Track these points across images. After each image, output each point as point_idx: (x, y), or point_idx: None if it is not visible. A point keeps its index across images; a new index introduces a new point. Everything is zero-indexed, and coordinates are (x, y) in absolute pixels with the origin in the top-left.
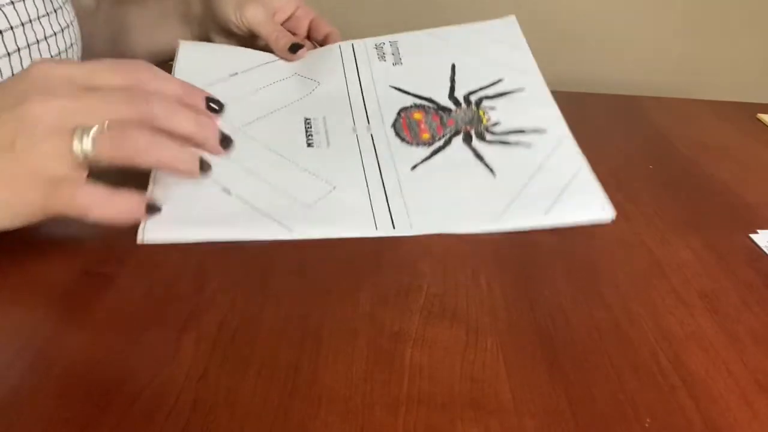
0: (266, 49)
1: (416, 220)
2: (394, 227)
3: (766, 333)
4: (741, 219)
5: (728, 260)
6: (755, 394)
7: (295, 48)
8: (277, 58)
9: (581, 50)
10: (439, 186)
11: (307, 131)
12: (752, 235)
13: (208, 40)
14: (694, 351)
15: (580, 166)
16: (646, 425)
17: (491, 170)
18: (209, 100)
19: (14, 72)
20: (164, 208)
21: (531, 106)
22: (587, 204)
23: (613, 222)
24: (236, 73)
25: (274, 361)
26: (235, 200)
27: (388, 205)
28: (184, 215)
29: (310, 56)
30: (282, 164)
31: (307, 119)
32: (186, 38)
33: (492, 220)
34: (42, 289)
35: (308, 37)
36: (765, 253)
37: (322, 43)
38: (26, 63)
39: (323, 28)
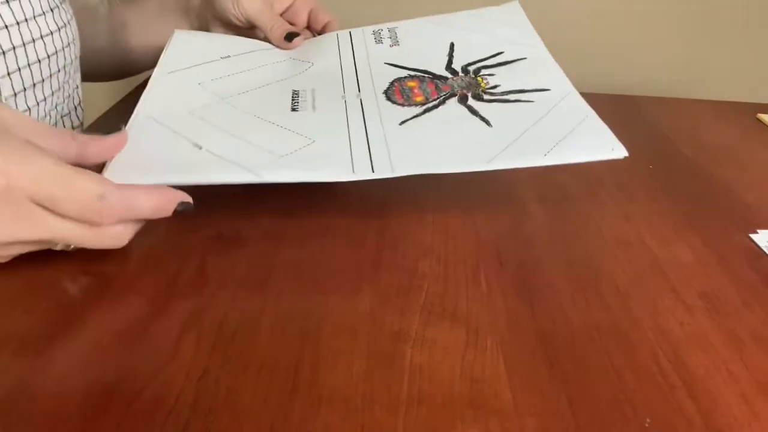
0: (266, 40)
1: (398, 162)
2: (373, 171)
3: (766, 333)
4: (741, 219)
5: (728, 260)
6: (755, 394)
7: (290, 36)
8: (273, 46)
9: (581, 50)
10: (428, 135)
11: (293, 99)
12: (752, 235)
13: (207, 32)
14: (694, 351)
15: (587, 113)
16: (646, 425)
17: (487, 122)
18: (181, 204)
19: (9, 70)
20: (128, 156)
21: (533, 71)
22: (594, 144)
23: (613, 222)
24: (229, 56)
25: (274, 361)
26: (205, 154)
27: (369, 151)
28: (148, 163)
29: (306, 43)
30: (261, 124)
31: (295, 91)
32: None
33: (484, 161)
34: (42, 288)
35: (307, 27)
36: (765, 253)
37: (321, 32)
38: (21, 61)
39: (322, 18)
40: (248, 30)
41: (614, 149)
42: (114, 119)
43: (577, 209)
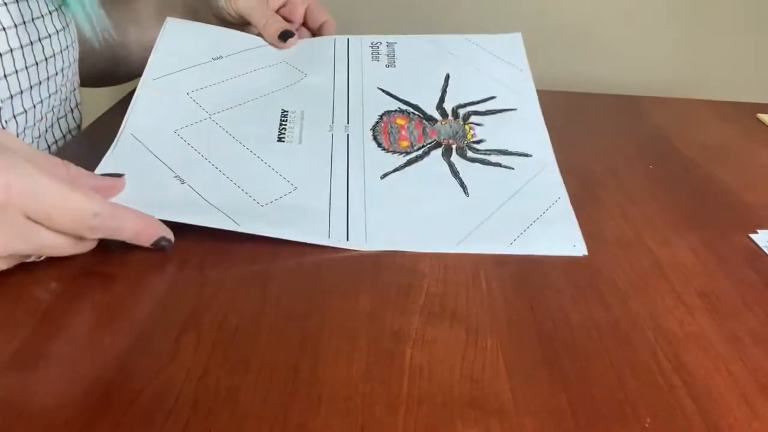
0: (260, 36)
1: (373, 234)
2: (348, 239)
3: (766, 333)
4: (741, 219)
5: (728, 260)
6: (755, 394)
7: (285, 36)
8: (267, 43)
9: (581, 50)
10: (406, 200)
11: (281, 124)
12: (752, 235)
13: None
14: (694, 351)
15: (559, 196)
16: (646, 425)
17: (465, 189)
18: (163, 239)
19: (6, 72)
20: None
21: (520, 128)
22: (558, 238)
23: (613, 222)
24: (220, 57)
25: (274, 361)
26: (187, 189)
27: (347, 214)
28: (131, 194)
29: (301, 45)
30: (245, 158)
31: (284, 111)
32: None
33: (453, 244)
34: (42, 288)
35: (304, 24)
36: (765, 253)
37: (318, 32)
38: (19, 63)
39: (320, 17)
40: (243, 27)
41: (576, 246)
42: (112, 122)
43: (577, 209)
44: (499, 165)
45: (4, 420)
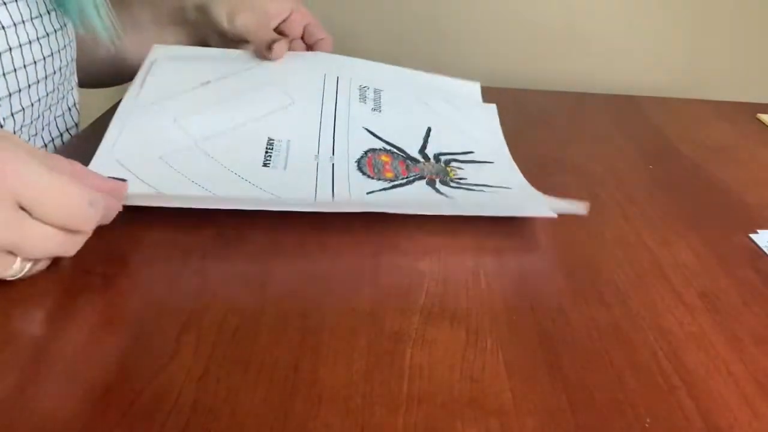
0: (256, 53)
1: (359, 202)
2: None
3: (766, 333)
4: (741, 219)
5: (728, 260)
6: (755, 394)
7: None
8: (256, 65)
9: (581, 50)
10: (391, 203)
11: (267, 152)
12: (752, 235)
13: (205, 45)
14: (694, 351)
15: (543, 201)
16: (646, 425)
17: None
18: None
19: (5, 71)
20: None
21: (498, 174)
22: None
23: (614, 222)
24: (208, 82)
25: (274, 361)
26: (168, 198)
27: (332, 199)
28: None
29: (292, 71)
30: (229, 178)
31: (270, 140)
32: (181, 43)
33: (447, 208)
34: (42, 288)
35: (302, 39)
36: (765, 253)
37: (312, 47)
38: (17, 62)
39: (317, 34)
40: (241, 43)
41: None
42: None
43: None
44: (481, 191)
45: (4, 420)
